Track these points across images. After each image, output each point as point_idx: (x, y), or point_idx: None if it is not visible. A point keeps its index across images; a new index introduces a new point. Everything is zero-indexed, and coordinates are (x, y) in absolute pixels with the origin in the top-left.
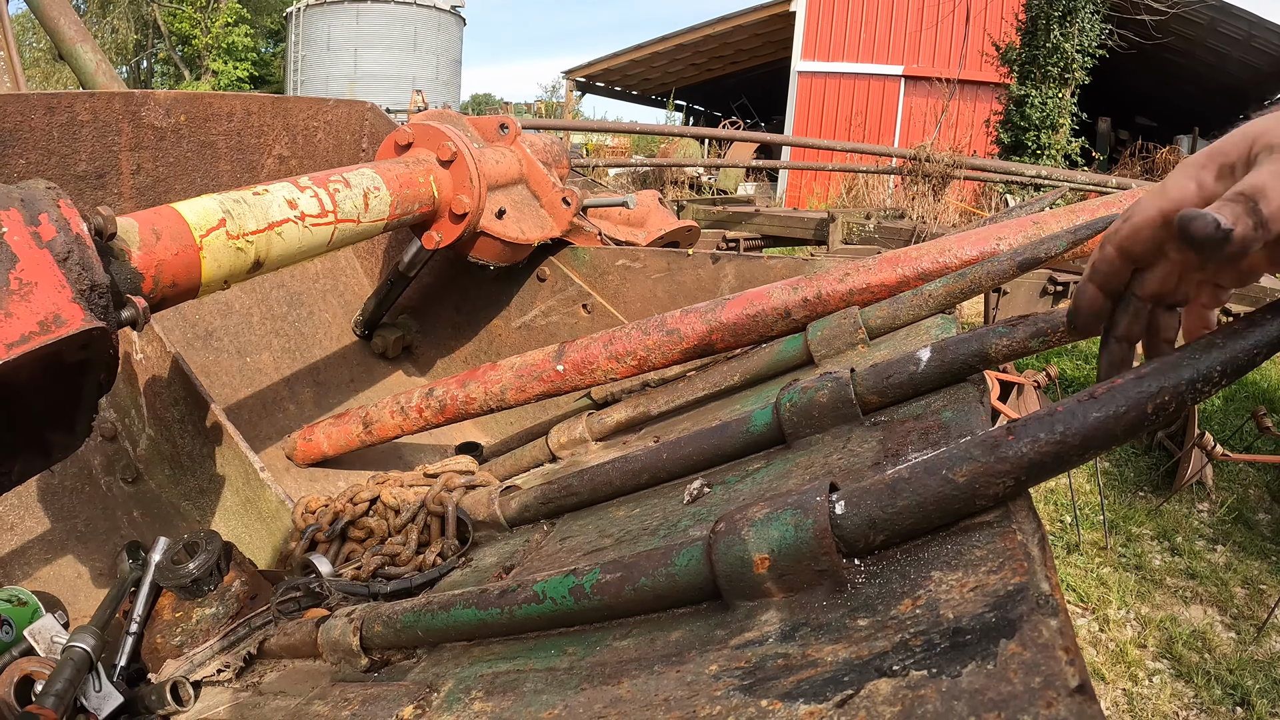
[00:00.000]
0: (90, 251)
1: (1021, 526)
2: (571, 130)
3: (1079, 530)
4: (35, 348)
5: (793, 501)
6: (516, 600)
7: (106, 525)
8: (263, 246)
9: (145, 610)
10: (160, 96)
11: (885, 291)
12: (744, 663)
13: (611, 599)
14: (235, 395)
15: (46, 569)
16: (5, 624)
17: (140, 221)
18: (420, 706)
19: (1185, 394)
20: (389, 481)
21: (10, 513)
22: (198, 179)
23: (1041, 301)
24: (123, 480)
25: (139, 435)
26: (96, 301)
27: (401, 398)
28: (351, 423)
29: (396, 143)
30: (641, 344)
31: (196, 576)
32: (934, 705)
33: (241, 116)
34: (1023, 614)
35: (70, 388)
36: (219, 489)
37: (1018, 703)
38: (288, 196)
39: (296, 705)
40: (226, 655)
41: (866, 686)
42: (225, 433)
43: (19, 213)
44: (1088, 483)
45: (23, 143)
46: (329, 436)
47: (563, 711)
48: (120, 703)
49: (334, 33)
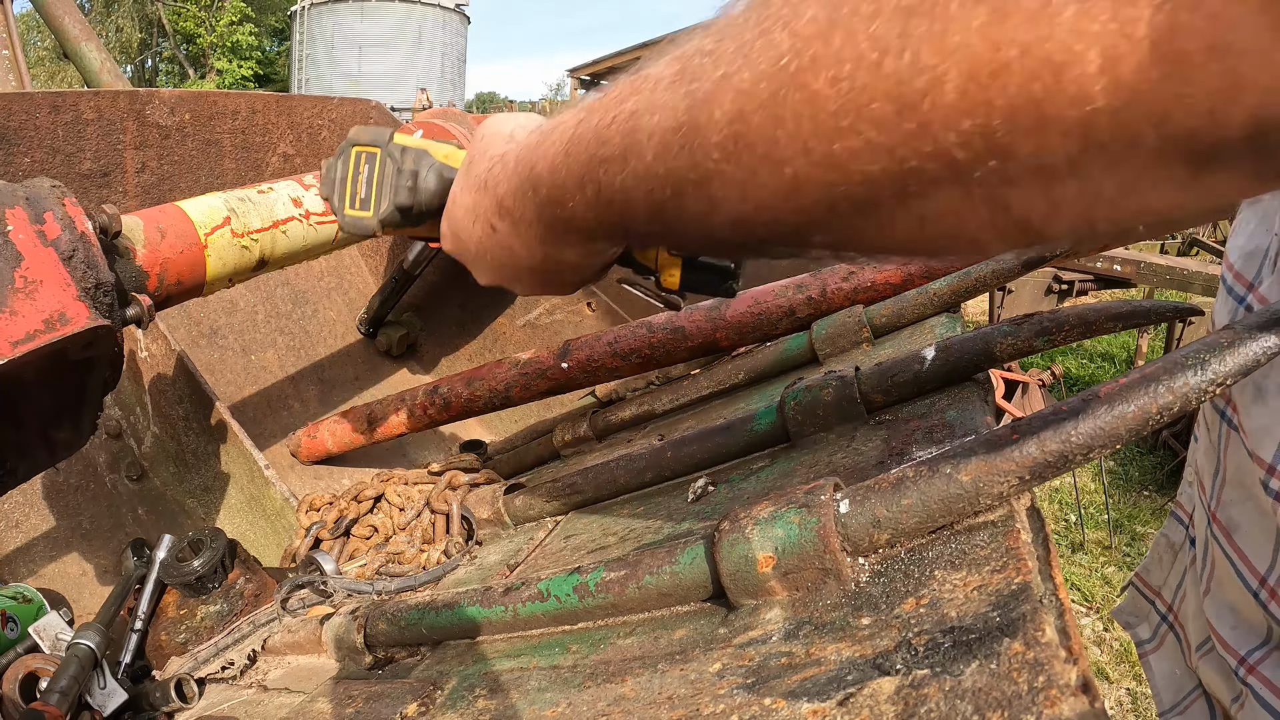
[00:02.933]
0: (95, 250)
1: (1025, 525)
2: None
3: (1083, 529)
4: (40, 346)
5: (797, 500)
6: (520, 598)
7: (111, 522)
8: (267, 245)
9: (150, 607)
10: (165, 95)
11: (890, 290)
12: (747, 661)
13: (616, 597)
14: (240, 393)
15: (51, 566)
16: (10, 621)
17: (145, 220)
18: (424, 704)
19: (1191, 395)
20: (393, 479)
21: (15, 510)
22: (202, 177)
23: (1046, 300)
24: (128, 478)
25: (144, 433)
26: (101, 299)
27: (406, 395)
28: (356, 420)
29: None
30: (646, 342)
31: (201, 574)
32: (937, 704)
33: (246, 115)
34: (1026, 613)
35: (75, 386)
36: (224, 486)
37: (1021, 702)
38: (292, 195)
39: (300, 702)
40: (231, 652)
41: (869, 685)
42: (230, 430)
43: (24, 211)
44: (1092, 481)
45: (28, 141)
46: (333, 434)
47: (566, 709)
48: (125, 699)
49: (338, 31)
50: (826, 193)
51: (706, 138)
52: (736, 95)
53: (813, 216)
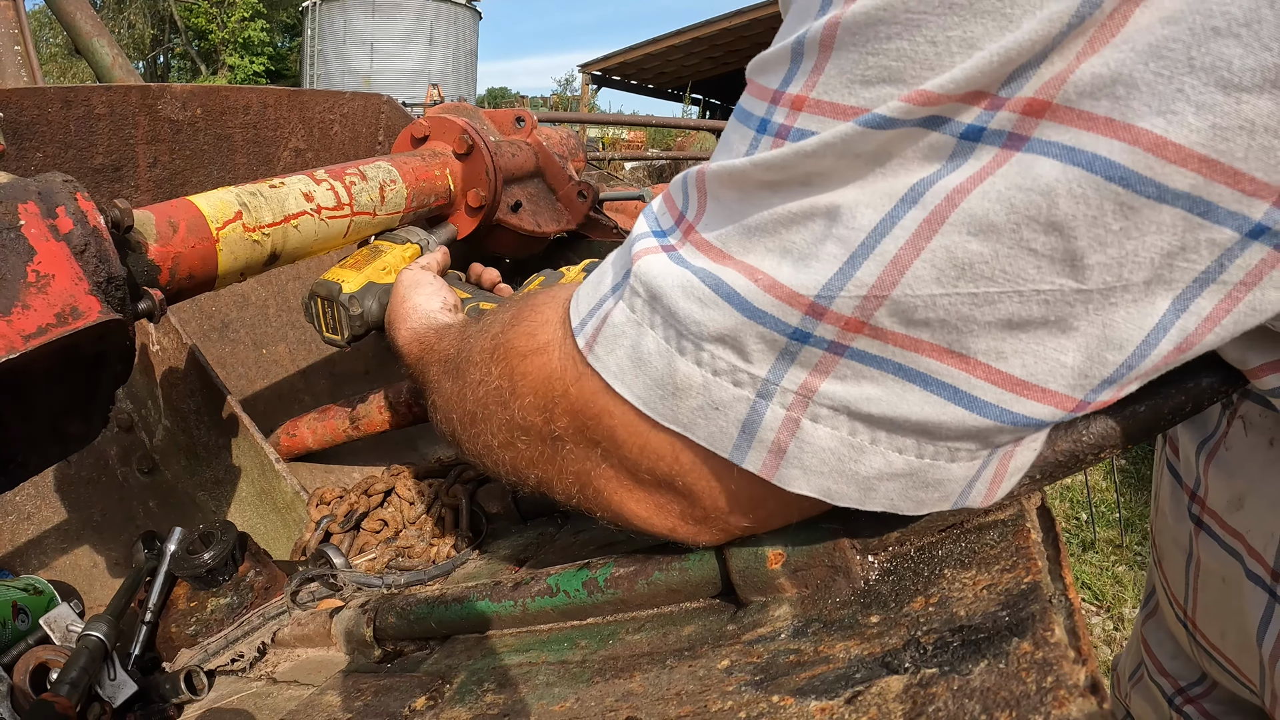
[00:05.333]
0: (107, 244)
1: (1036, 524)
2: (587, 123)
3: (1094, 528)
4: (52, 339)
5: None
6: (530, 593)
7: (122, 515)
8: (279, 239)
9: (160, 600)
10: (177, 90)
11: None
12: (756, 658)
13: (625, 592)
14: (251, 387)
15: (63, 558)
16: (22, 612)
17: (157, 214)
18: (433, 697)
19: (1203, 396)
20: (404, 473)
21: (27, 502)
22: (214, 172)
23: None
24: (139, 471)
25: (155, 426)
26: (113, 293)
27: (390, 393)
28: (338, 419)
29: (412, 136)
30: None
31: (211, 567)
32: (944, 703)
33: (258, 110)
34: (1036, 612)
35: (87, 379)
36: (234, 480)
37: (1029, 702)
38: (304, 189)
39: (310, 695)
40: (240, 645)
41: (878, 683)
42: (241, 424)
43: (36, 205)
44: (1104, 480)
45: (40, 136)
46: (314, 432)
47: (574, 704)
48: (135, 691)
49: (350, 26)
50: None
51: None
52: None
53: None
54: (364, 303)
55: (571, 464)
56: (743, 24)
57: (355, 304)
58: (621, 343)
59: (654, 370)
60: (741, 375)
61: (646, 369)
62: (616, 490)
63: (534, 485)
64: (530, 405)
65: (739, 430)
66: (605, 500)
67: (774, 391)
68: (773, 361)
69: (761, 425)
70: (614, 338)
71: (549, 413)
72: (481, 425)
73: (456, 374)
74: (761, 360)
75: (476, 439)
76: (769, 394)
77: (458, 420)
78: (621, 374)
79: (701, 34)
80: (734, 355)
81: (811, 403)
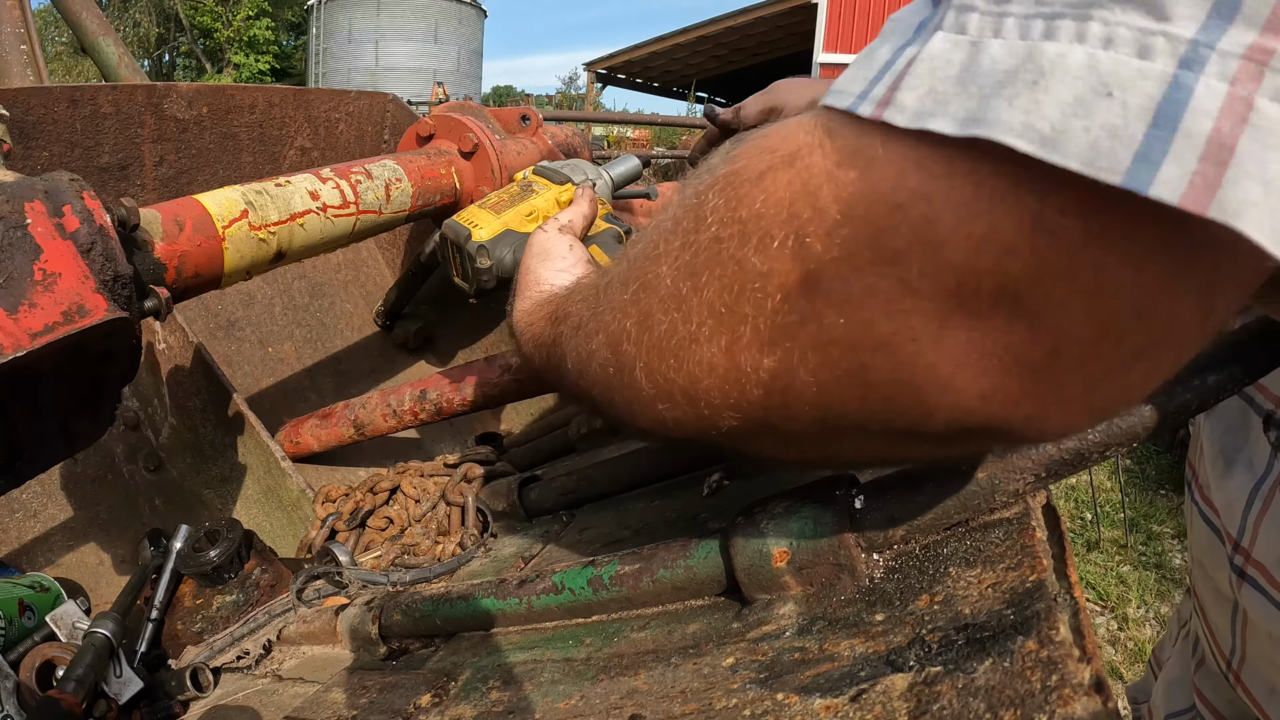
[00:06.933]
0: (114, 242)
1: (1041, 523)
2: (593, 122)
3: (1099, 527)
4: (59, 337)
5: (813, 495)
6: (535, 590)
7: (128, 513)
8: (285, 237)
9: (166, 597)
10: (183, 89)
11: None
12: (760, 656)
13: (630, 590)
14: (257, 385)
15: (69, 556)
16: (28, 609)
17: (163, 213)
18: (438, 695)
19: (1209, 394)
20: (409, 471)
21: (34, 500)
22: (220, 170)
23: None
24: (145, 468)
25: (161, 424)
26: (120, 292)
27: (392, 399)
28: (341, 425)
29: (418, 134)
30: None
31: (217, 564)
32: (949, 701)
33: (264, 108)
34: (1041, 611)
35: (94, 377)
36: (240, 477)
37: (1034, 701)
38: (310, 188)
39: (315, 692)
40: (246, 642)
41: (882, 681)
42: (247, 422)
43: (43, 204)
44: (1109, 480)
45: (46, 135)
46: (318, 439)
47: (579, 702)
48: (140, 688)
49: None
50: (680, 432)
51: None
52: (601, 363)
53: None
54: (495, 254)
55: (836, 316)
56: (747, 23)
57: (484, 256)
58: (946, 70)
59: (996, 80)
60: (1154, 40)
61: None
62: (919, 333)
63: (759, 396)
64: (775, 243)
65: (1147, 125)
66: (898, 360)
67: (1207, 58)
68: (1205, 16)
69: (1187, 109)
70: (930, 71)
71: (806, 242)
72: (676, 313)
73: (621, 283)
74: (1187, 13)
75: (663, 344)
76: (1198, 62)
77: (632, 325)
78: (943, 103)
79: (707, 32)
80: (1140, 13)
81: (1271, 70)
